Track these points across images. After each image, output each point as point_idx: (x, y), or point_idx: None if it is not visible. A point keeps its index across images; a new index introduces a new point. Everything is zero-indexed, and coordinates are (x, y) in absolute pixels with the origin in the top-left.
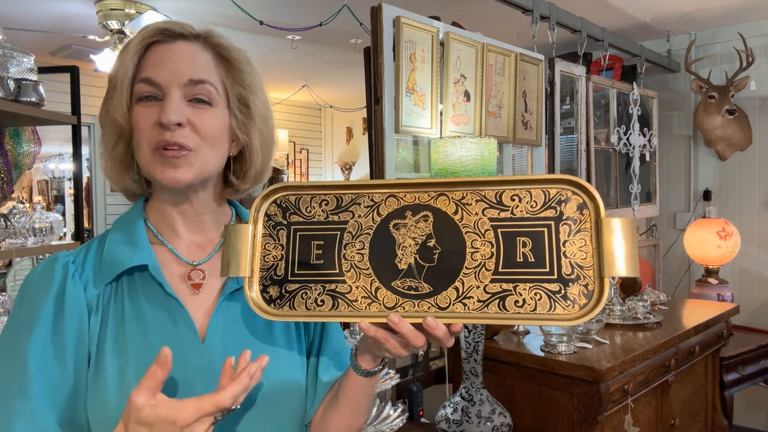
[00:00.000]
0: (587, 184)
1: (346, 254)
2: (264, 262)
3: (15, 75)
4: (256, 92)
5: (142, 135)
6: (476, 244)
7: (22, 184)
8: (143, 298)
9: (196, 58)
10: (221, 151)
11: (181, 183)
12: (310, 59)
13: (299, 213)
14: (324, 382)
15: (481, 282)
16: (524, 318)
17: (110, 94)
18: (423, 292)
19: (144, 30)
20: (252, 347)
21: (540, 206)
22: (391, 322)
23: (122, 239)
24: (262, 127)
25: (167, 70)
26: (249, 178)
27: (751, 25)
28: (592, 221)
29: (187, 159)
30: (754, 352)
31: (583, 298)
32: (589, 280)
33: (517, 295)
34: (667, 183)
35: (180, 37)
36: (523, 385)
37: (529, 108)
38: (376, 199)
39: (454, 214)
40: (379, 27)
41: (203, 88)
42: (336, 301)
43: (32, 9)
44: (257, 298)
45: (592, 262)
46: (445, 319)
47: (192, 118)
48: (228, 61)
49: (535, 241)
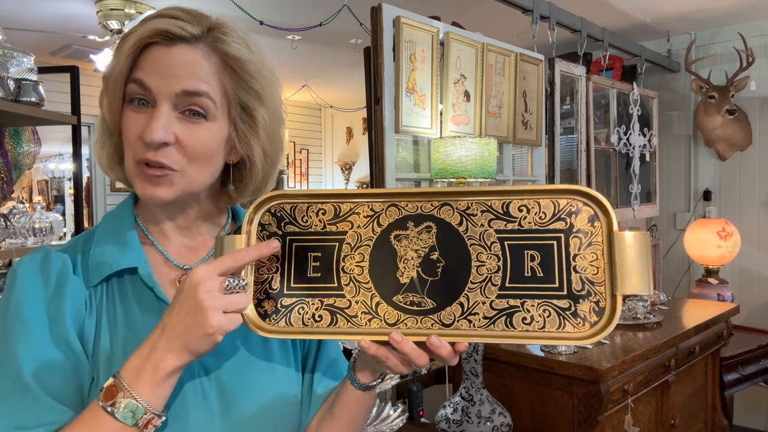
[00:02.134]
0: (599, 195)
1: (345, 267)
2: (258, 275)
3: (15, 75)
4: (266, 103)
5: (128, 144)
6: (482, 257)
7: (22, 184)
8: (135, 302)
9: (194, 66)
10: (213, 167)
11: (161, 201)
12: (310, 59)
13: (295, 223)
14: (318, 394)
15: (487, 297)
16: (532, 336)
17: (103, 93)
18: (426, 307)
19: (141, 28)
20: (247, 357)
21: (549, 218)
22: (392, 341)
23: (111, 238)
24: (266, 142)
25: (160, 76)
26: (248, 191)
27: (751, 25)
28: (604, 234)
29: (169, 179)
30: (754, 352)
31: (594, 316)
32: (601, 297)
33: (525, 311)
34: (667, 183)
35: (180, 39)
36: (523, 385)
37: (529, 108)
38: (377, 209)
39: (459, 225)
40: (379, 27)
41: (198, 100)
42: (335, 317)
43: (32, 9)
44: (251, 314)
45: (603, 277)
46: (449, 338)
47: (181, 134)
48: (234, 70)
49: (544, 255)
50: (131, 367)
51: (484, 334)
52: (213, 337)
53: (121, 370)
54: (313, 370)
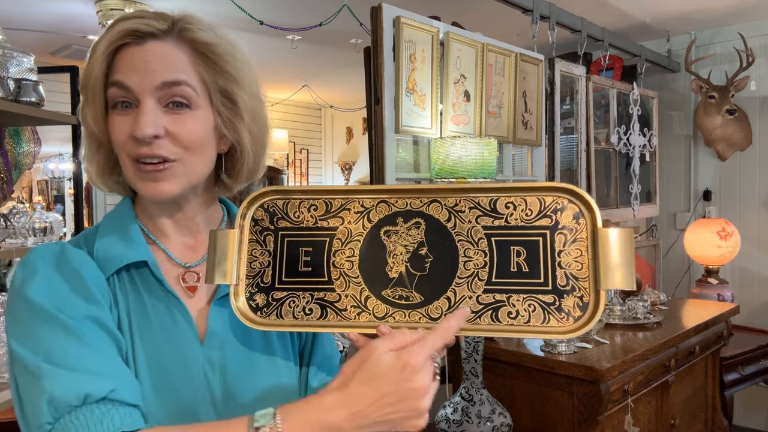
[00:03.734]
0: (584, 193)
1: (336, 261)
2: (250, 269)
3: (15, 75)
4: (243, 85)
5: (121, 147)
6: (469, 252)
7: (22, 184)
8: (145, 295)
9: (168, 58)
10: (208, 155)
11: (167, 196)
12: (310, 59)
13: (287, 218)
14: (313, 388)
15: (473, 292)
16: (517, 330)
17: (84, 103)
18: (414, 302)
19: (110, 32)
20: (249, 351)
21: (535, 215)
22: (381, 333)
23: (114, 235)
24: (251, 124)
25: (138, 74)
26: (242, 176)
27: (751, 25)
28: (589, 231)
29: (171, 171)
30: (754, 352)
31: (578, 311)
32: (585, 292)
33: (511, 306)
34: (667, 183)
35: (150, 36)
36: (523, 385)
37: (529, 108)
38: (367, 205)
39: (447, 222)
40: (379, 27)
41: (179, 89)
42: (324, 310)
43: (32, 9)
44: (243, 307)
45: (587, 273)
46: None
47: (170, 126)
48: (207, 56)
49: (530, 251)
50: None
51: (470, 327)
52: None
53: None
54: (309, 363)
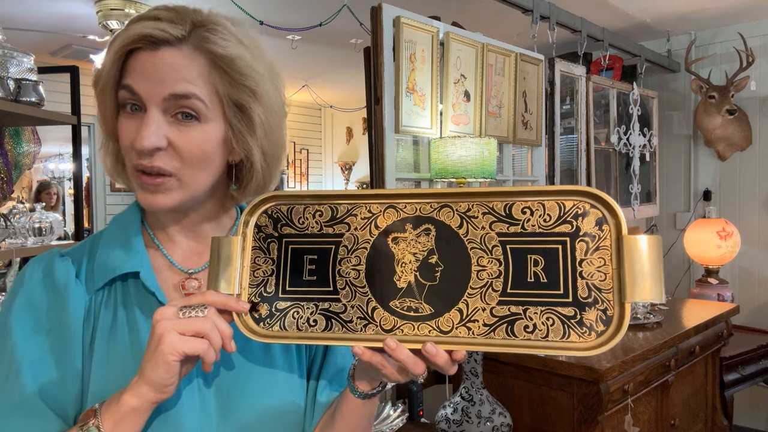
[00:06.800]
0: (607, 197)
1: (341, 270)
2: (253, 278)
3: (15, 75)
4: (261, 99)
5: (126, 152)
6: (482, 261)
7: (22, 184)
8: (137, 307)
9: (180, 69)
10: (212, 168)
11: (163, 208)
12: (310, 59)
13: (291, 225)
14: (321, 402)
15: (487, 304)
16: (535, 346)
17: (98, 101)
18: (423, 313)
19: (125, 33)
20: (247, 365)
21: (554, 220)
22: (387, 348)
23: (117, 241)
24: (264, 140)
25: (148, 82)
26: (249, 190)
27: (751, 25)
28: (613, 238)
29: (166, 185)
30: (754, 352)
31: (601, 325)
32: (608, 305)
33: (527, 319)
34: (667, 183)
35: (164, 43)
36: (523, 385)
37: (529, 108)
38: (374, 210)
39: (459, 228)
40: (379, 27)
41: (188, 102)
42: (329, 322)
43: (32, 9)
44: (245, 317)
45: (611, 284)
46: (446, 345)
47: (174, 137)
48: (224, 69)
49: (548, 260)
50: (111, 398)
51: (483, 342)
52: (167, 360)
53: (109, 398)
54: (318, 377)
